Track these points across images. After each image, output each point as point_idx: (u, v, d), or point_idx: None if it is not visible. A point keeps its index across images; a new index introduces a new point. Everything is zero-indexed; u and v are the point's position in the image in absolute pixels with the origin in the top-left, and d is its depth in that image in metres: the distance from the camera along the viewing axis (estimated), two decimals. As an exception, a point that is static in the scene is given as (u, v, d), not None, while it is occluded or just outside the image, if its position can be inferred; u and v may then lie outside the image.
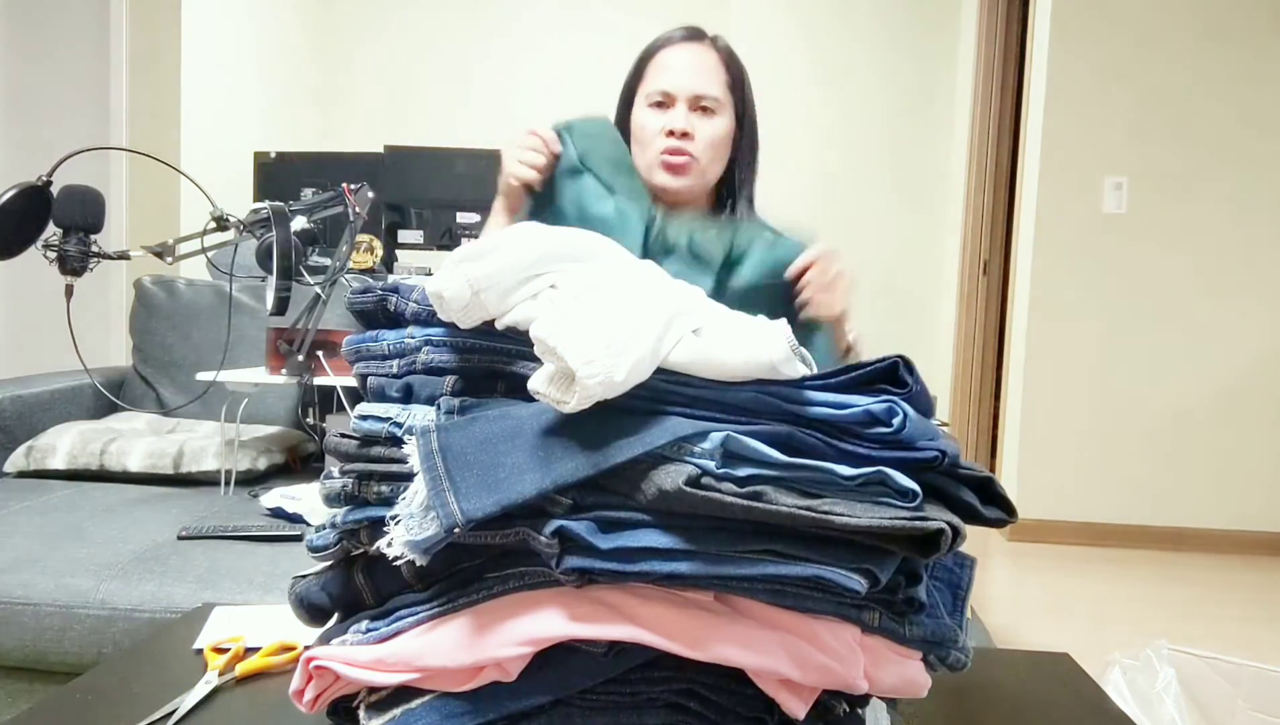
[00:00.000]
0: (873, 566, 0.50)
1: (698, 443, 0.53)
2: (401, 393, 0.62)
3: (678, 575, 0.51)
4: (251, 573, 1.32)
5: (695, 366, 0.54)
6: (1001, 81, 3.96)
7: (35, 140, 3.35)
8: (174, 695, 0.73)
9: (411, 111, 4.58)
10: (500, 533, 0.53)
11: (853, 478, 0.51)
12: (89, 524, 1.47)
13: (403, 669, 0.55)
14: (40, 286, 3.27)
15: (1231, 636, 2.52)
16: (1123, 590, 2.89)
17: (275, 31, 4.22)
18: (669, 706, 0.55)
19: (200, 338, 2.19)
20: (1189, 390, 3.36)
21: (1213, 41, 3.26)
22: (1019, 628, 2.54)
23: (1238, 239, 3.31)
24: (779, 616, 0.53)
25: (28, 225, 1.48)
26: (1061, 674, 0.85)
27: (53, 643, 1.27)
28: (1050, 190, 3.36)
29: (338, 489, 0.60)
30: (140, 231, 3.29)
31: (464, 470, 0.52)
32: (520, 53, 4.59)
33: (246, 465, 1.78)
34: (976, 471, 0.55)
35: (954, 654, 0.57)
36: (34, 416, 1.93)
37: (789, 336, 0.55)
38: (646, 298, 0.55)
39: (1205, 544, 3.35)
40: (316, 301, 1.76)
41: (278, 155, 2.99)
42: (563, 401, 0.52)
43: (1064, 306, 3.38)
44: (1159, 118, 3.30)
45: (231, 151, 3.62)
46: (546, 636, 0.53)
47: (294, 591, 0.63)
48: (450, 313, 0.58)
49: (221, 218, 1.60)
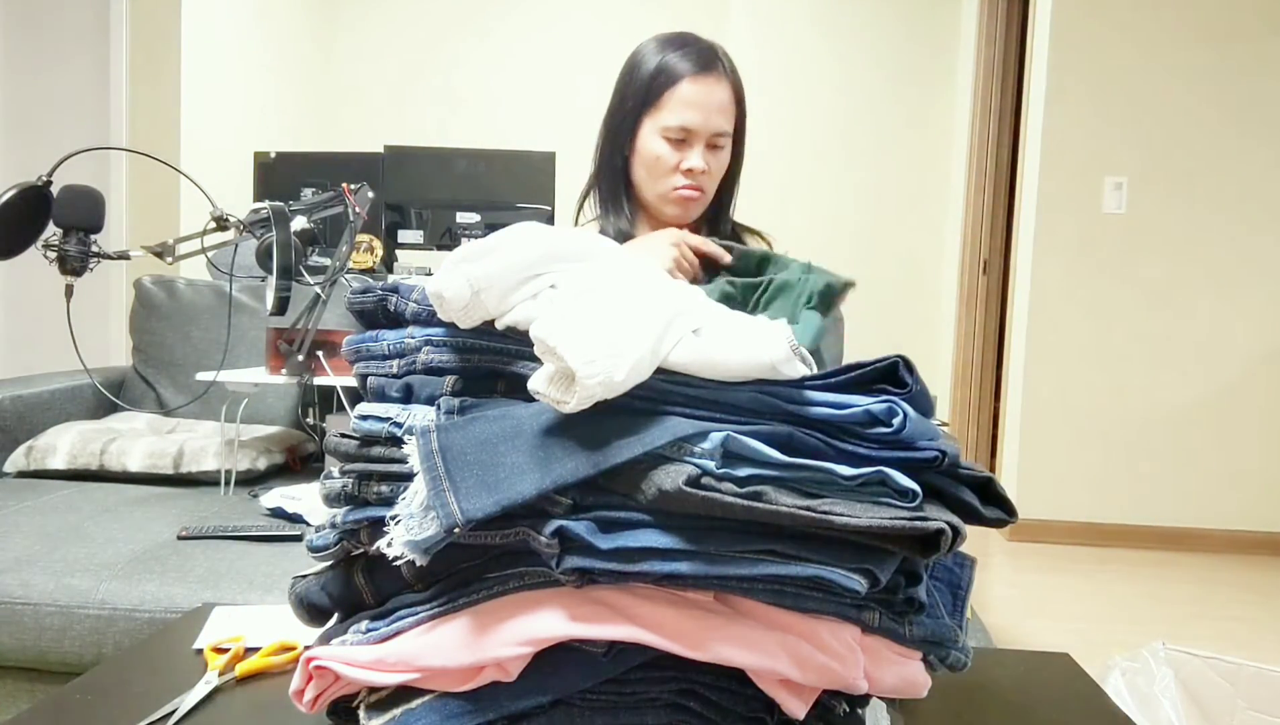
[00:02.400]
0: (873, 566, 0.50)
1: (698, 443, 0.53)
2: (401, 393, 0.62)
3: (678, 575, 0.51)
4: (251, 573, 1.32)
5: (695, 366, 0.54)
6: (1001, 81, 3.96)
7: (35, 140, 3.35)
8: (174, 695, 0.73)
9: (411, 111, 4.58)
10: (500, 533, 0.53)
11: (853, 478, 0.51)
12: (89, 524, 1.47)
13: (403, 669, 0.55)
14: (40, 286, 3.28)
15: (1232, 636, 2.52)
16: (1123, 590, 2.89)
17: (275, 32, 4.22)
18: (669, 706, 0.55)
19: (200, 338, 2.19)
20: (1189, 390, 3.36)
21: (1213, 42, 3.26)
22: (1019, 628, 2.54)
23: (1237, 239, 3.31)
24: (779, 616, 0.53)
25: (28, 225, 1.48)
26: (1061, 674, 0.85)
27: (53, 643, 1.28)
28: (1050, 190, 3.36)
29: (338, 489, 0.60)
30: (140, 231, 3.30)
31: (464, 470, 0.52)
32: (520, 52, 4.59)
33: (246, 465, 1.78)
34: (976, 471, 0.55)
35: (954, 654, 0.57)
36: (34, 416, 1.93)
37: (789, 337, 0.55)
38: (646, 298, 0.55)
39: (1205, 544, 3.35)
40: (316, 301, 1.76)
41: (278, 155, 2.99)
42: (563, 401, 0.52)
43: (1064, 306, 3.38)
44: (1159, 118, 3.30)
45: (231, 151, 3.62)
46: (546, 636, 0.53)
47: (294, 591, 0.63)
48: (450, 313, 0.58)
49: (221, 218, 1.60)
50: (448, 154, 3.03)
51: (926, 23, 4.25)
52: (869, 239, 4.32)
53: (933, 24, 4.25)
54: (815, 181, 4.29)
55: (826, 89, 4.29)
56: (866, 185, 4.32)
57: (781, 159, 4.23)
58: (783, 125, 4.25)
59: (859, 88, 4.29)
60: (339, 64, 4.62)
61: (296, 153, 3.31)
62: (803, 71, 4.29)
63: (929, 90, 4.28)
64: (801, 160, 4.28)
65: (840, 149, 4.31)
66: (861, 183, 4.32)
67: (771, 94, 4.25)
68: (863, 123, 4.30)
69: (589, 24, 4.52)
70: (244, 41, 3.96)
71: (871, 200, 4.32)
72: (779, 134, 4.24)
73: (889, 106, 4.29)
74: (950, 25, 4.24)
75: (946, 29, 4.25)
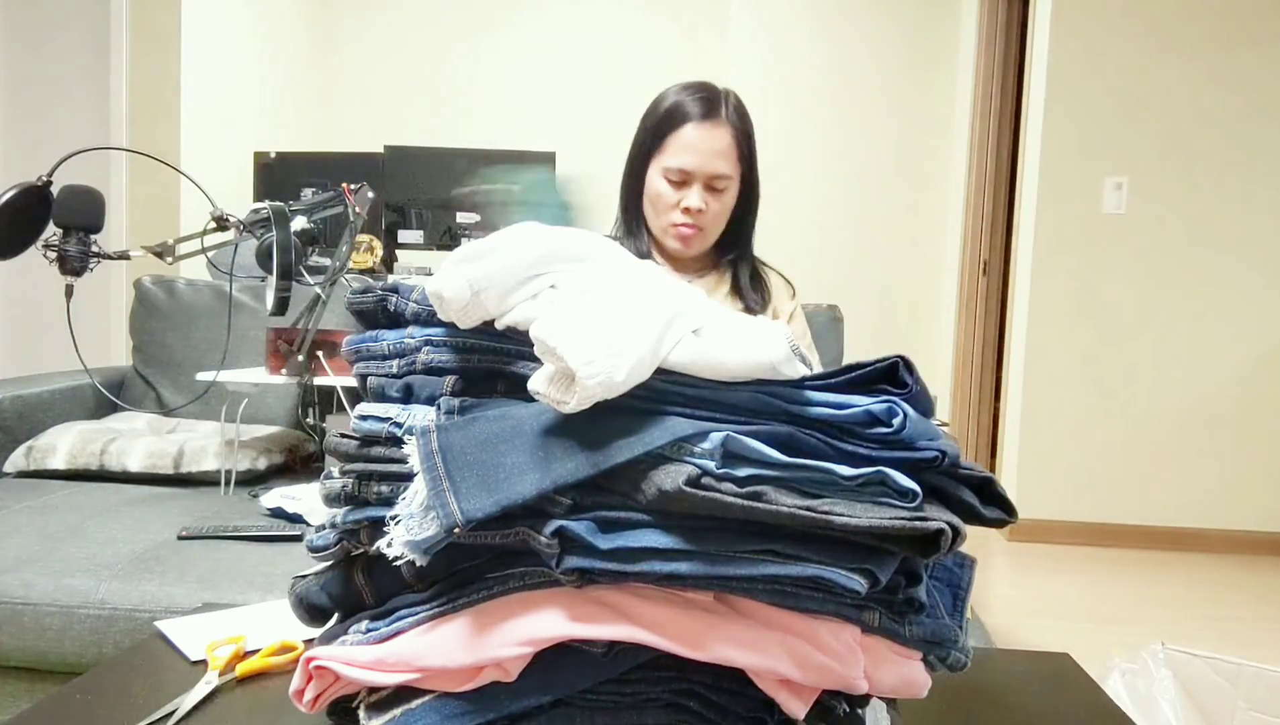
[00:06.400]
0: (873, 567, 0.50)
1: (698, 443, 0.52)
2: (401, 393, 0.62)
3: (678, 575, 0.51)
4: (251, 573, 1.32)
5: (695, 367, 0.54)
6: (1001, 81, 3.96)
7: (35, 140, 3.35)
8: (174, 695, 0.73)
9: (411, 111, 4.58)
10: (500, 533, 0.53)
11: (853, 478, 0.51)
12: (89, 524, 1.47)
13: (403, 669, 0.55)
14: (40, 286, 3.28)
15: (1232, 636, 2.52)
16: (1123, 590, 2.89)
17: (275, 31, 4.22)
18: (669, 706, 0.55)
19: (200, 338, 2.18)
20: (1189, 390, 3.36)
21: (1212, 42, 3.26)
22: (1019, 628, 2.54)
23: (1237, 239, 3.31)
24: (779, 616, 0.53)
25: (28, 225, 1.48)
26: (1061, 674, 0.85)
27: (53, 643, 1.27)
28: (1050, 190, 3.36)
29: (338, 489, 0.60)
30: (140, 231, 3.30)
31: (464, 470, 0.52)
32: (521, 52, 4.59)
33: (246, 465, 1.78)
34: (977, 472, 0.55)
35: (954, 654, 0.57)
36: (34, 416, 1.93)
37: (789, 337, 0.55)
38: (647, 298, 0.55)
39: (1205, 544, 3.35)
40: (316, 301, 1.76)
41: (278, 155, 2.99)
42: (562, 402, 0.52)
43: (1064, 306, 3.38)
44: (1159, 118, 3.30)
45: (231, 151, 3.62)
46: (546, 636, 0.53)
47: (294, 591, 0.63)
48: (450, 313, 0.58)
49: (221, 218, 1.60)
50: (448, 154, 3.03)
51: (927, 23, 4.25)
52: (869, 239, 4.32)
53: (933, 24, 4.25)
54: (815, 182, 4.29)
55: (827, 90, 4.29)
56: (866, 185, 4.31)
57: (782, 159, 4.23)
58: (783, 126, 4.25)
59: (859, 88, 4.28)
60: (339, 64, 4.62)
61: (296, 153, 3.31)
62: (803, 72, 4.29)
63: (929, 90, 4.28)
64: (801, 161, 4.28)
65: (840, 149, 4.31)
66: (861, 183, 4.31)
67: (772, 95, 4.24)
68: (863, 123, 4.30)
69: (589, 24, 4.52)
70: (244, 41, 3.96)
71: (872, 200, 4.32)
72: (779, 134, 4.24)
73: (889, 107, 4.28)
74: (950, 26, 4.24)
75: (947, 29, 4.25)
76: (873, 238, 4.32)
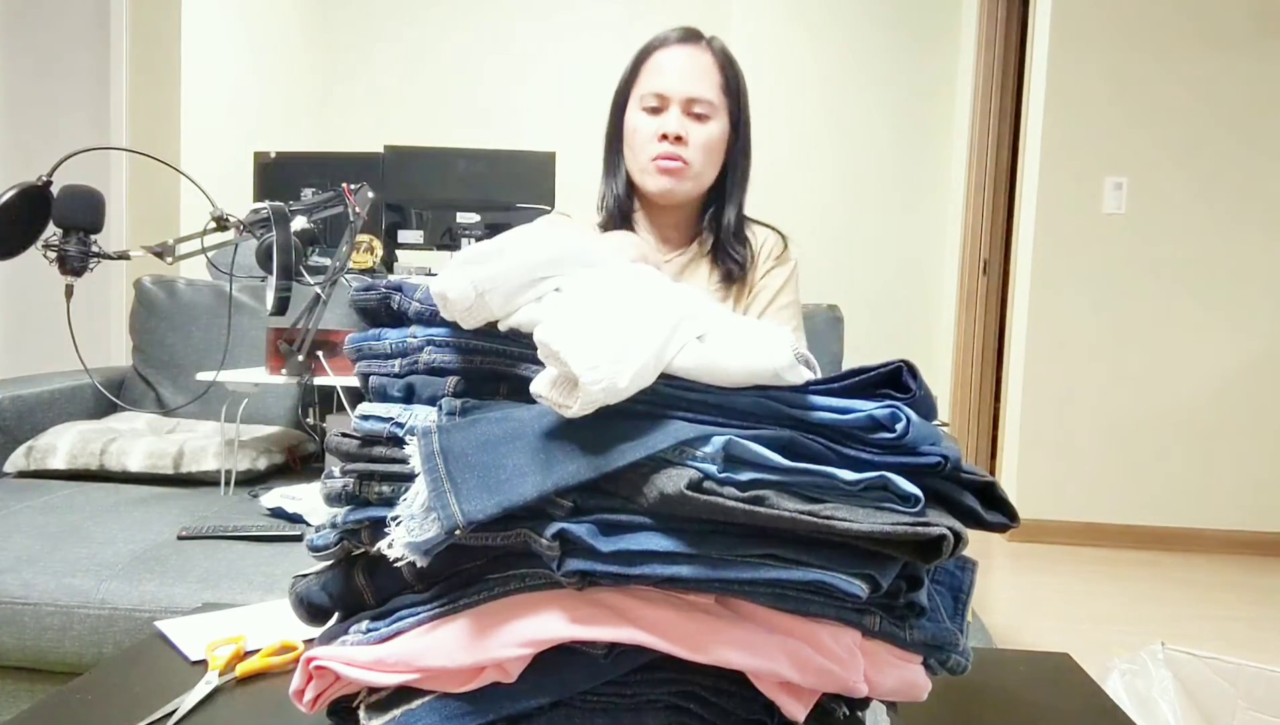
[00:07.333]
0: (874, 571, 0.50)
1: (699, 446, 0.52)
2: (403, 393, 0.62)
3: (679, 578, 0.51)
4: (251, 573, 1.32)
5: (699, 373, 0.54)
6: (1001, 82, 3.96)
7: (35, 140, 3.35)
8: (174, 695, 0.73)
9: (411, 111, 4.58)
10: (501, 534, 0.53)
11: (855, 483, 0.51)
12: (89, 524, 1.47)
13: (403, 669, 0.55)
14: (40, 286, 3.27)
15: (1231, 636, 2.52)
16: (1123, 590, 2.90)
17: (275, 32, 4.21)
18: (669, 708, 0.55)
19: (200, 338, 2.18)
20: (1189, 390, 3.36)
21: (1212, 42, 3.26)
22: (1019, 628, 2.54)
23: (1237, 239, 3.31)
24: (779, 619, 0.53)
25: (28, 225, 1.48)
26: (1061, 674, 0.85)
27: (53, 643, 1.28)
28: (1050, 190, 3.36)
29: (338, 489, 0.60)
30: (140, 231, 3.29)
31: (465, 472, 0.52)
32: (520, 52, 4.58)
33: (246, 465, 1.78)
34: (979, 476, 0.55)
35: (954, 658, 0.57)
36: (34, 416, 1.93)
37: (793, 343, 0.55)
38: (652, 303, 0.55)
39: (1205, 544, 3.35)
40: (316, 301, 1.76)
41: (278, 155, 2.99)
42: (565, 406, 0.52)
43: (1064, 306, 3.38)
44: (1159, 118, 3.30)
45: (231, 151, 3.62)
46: (547, 638, 0.53)
47: (294, 591, 0.63)
48: (454, 313, 0.58)
49: (221, 218, 1.59)
50: (448, 154, 3.03)
51: (927, 23, 4.25)
52: (869, 239, 4.32)
53: (933, 25, 4.25)
54: (815, 181, 4.29)
55: (827, 90, 4.29)
56: (866, 185, 4.31)
57: (781, 159, 4.23)
58: (783, 126, 4.25)
59: (859, 89, 4.28)
60: (339, 64, 4.61)
61: (296, 153, 3.31)
62: (803, 73, 4.29)
63: (929, 91, 4.27)
64: (801, 160, 4.28)
65: (840, 149, 4.31)
66: (861, 183, 4.31)
67: (772, 94, 4.24)
68: (862, 123, 4.30)
69: (589, 24, 4.52)
70: (244, 41, 3.95)
71: (872, 200, 4.32)
72: (779, 134, 4.24)
73: (889, 107, 4.28)
74: (950, 26, 4.24)
75: (947, 30, 4.24)
76: (873, 238, 4.32)
